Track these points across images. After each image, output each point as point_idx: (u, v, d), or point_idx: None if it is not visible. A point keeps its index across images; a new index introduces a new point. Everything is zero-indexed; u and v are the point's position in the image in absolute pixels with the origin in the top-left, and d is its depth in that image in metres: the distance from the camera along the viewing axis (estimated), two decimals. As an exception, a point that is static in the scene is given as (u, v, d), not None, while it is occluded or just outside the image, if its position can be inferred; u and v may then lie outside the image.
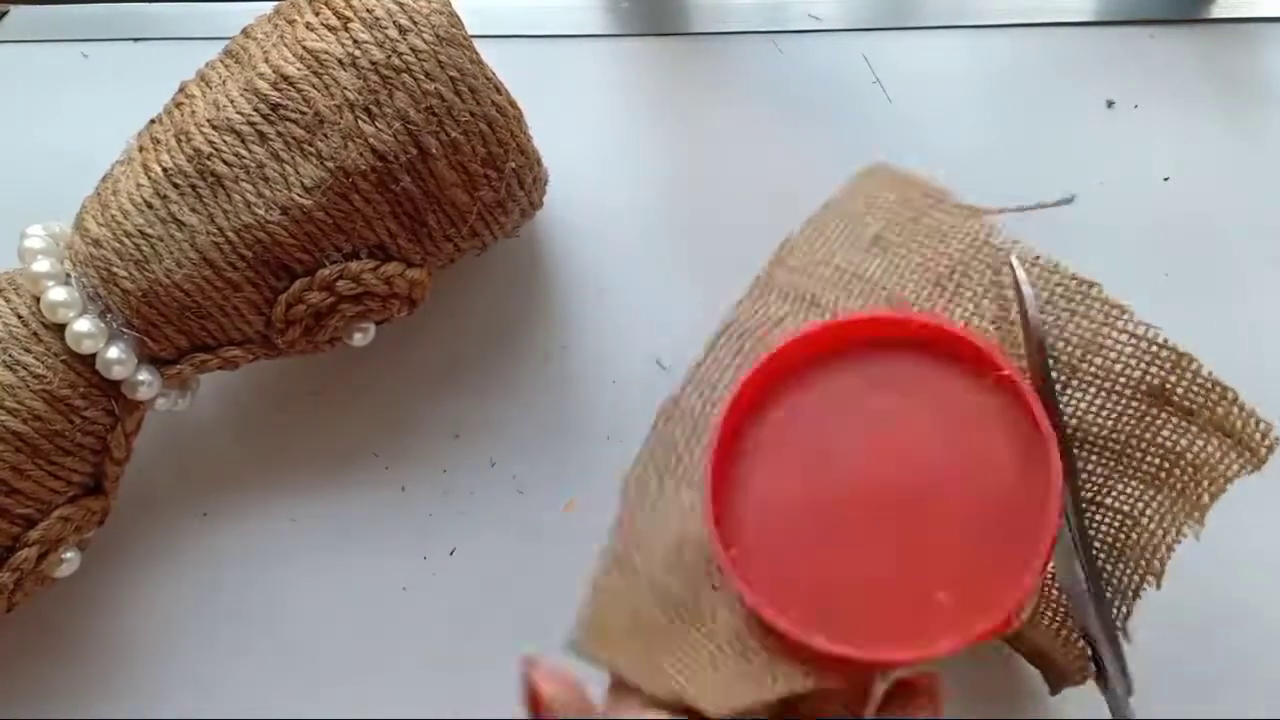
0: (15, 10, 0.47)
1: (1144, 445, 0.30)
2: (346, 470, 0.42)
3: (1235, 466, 0.28)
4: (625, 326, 0.42)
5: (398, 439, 0.42)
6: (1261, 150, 0.42)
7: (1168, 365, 0.29)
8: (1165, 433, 0.29)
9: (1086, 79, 0.44)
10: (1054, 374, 0.30)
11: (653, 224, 0.43)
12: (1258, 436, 0.28)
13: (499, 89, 0.35)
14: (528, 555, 0.40)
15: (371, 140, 0.34)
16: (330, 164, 0.34)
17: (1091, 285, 0.30)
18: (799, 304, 0.33)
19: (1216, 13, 0.44)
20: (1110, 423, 0.30)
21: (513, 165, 0.36)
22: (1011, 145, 0.43)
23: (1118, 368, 0.29)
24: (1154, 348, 0.29)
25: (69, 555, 0.37)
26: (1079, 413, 0.30)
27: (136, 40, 0.46)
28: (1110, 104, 0.43)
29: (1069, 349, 0.30)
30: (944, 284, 0.32)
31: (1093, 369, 0.30)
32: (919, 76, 0.44)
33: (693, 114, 0.44)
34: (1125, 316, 0.29)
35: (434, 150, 0.34)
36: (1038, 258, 0.31)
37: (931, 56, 0.44)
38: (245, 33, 0.36)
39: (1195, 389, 0.29)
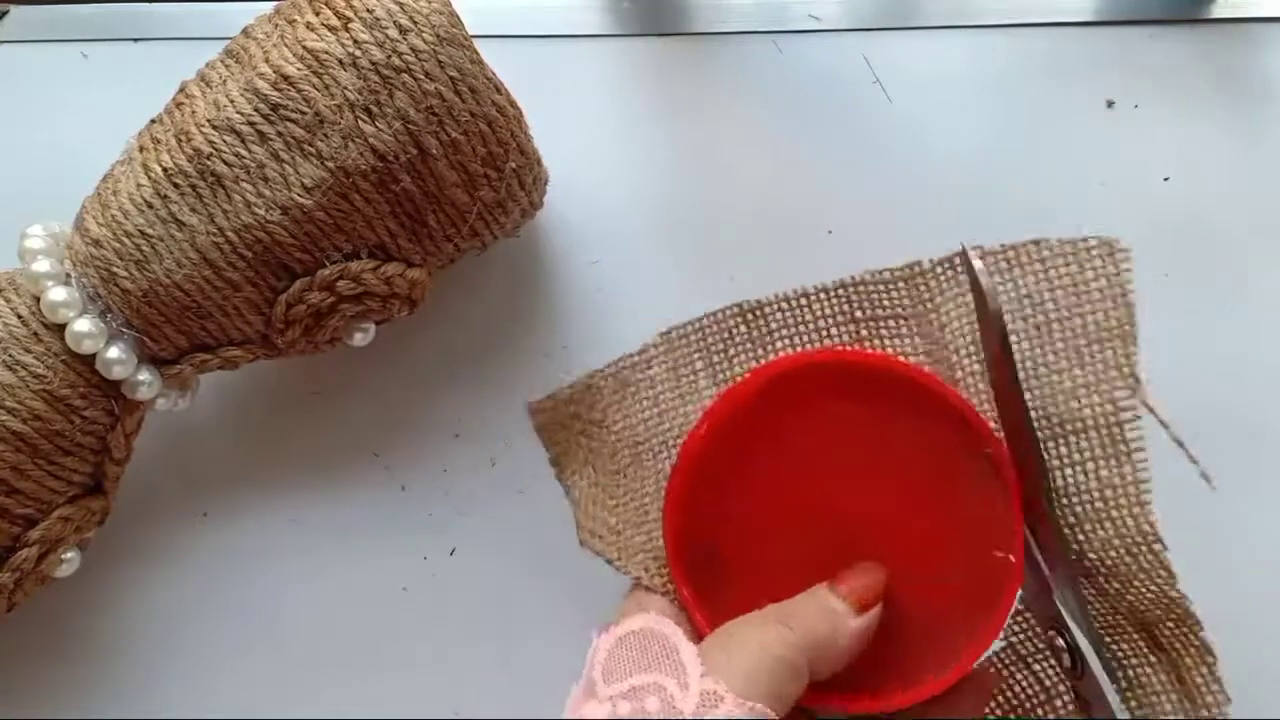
0: (15, 10, 0.47)
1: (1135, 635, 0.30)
2: (346, 470, 0.42)
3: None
4: (625, 326, 0.42)
5: (398, 439, 0.42)
6: (1261, 150, 0.42)
7: (1173, 614, 0.29)
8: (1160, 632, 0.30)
9: (1086, 79, 0.44)
10: (1055, 495, 0.30)
11: (653, 224, 0.43)
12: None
13: (499, 89, 0.35)
14: (528, 555, 0.40)
15: (371, 140, 0.34)
16: (330, 164, 0.34)
17: (1147, 506, 0.28)
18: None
19: (1216, 13, 0.44)
20: (1108, 617, 0.30)
21: (513, 165, 0.36)
22: (1011, 145, 0.43)
23: (1131, 591, 0.29)
24: (1170, 593, 0.28)
25: (69, 555, 0.37)
26: (1090, 551, 0.30)
27: (136, 40, 0.46)
28: (1110, 104, 0.43)
29: (1095, 546, 0.29)
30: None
31: (1103, 566, 0.29)
32: (919, 76, 0.44)
33: (692, 114, 0.44)
34: (1158, 544, 0.28)
35: (434, 150, 0.34)
36: (1138, 428, 0.28)
37: (931, 56, 0.44)
38: (245, 33, 0.36)
39: (1192, 648, 0.29)
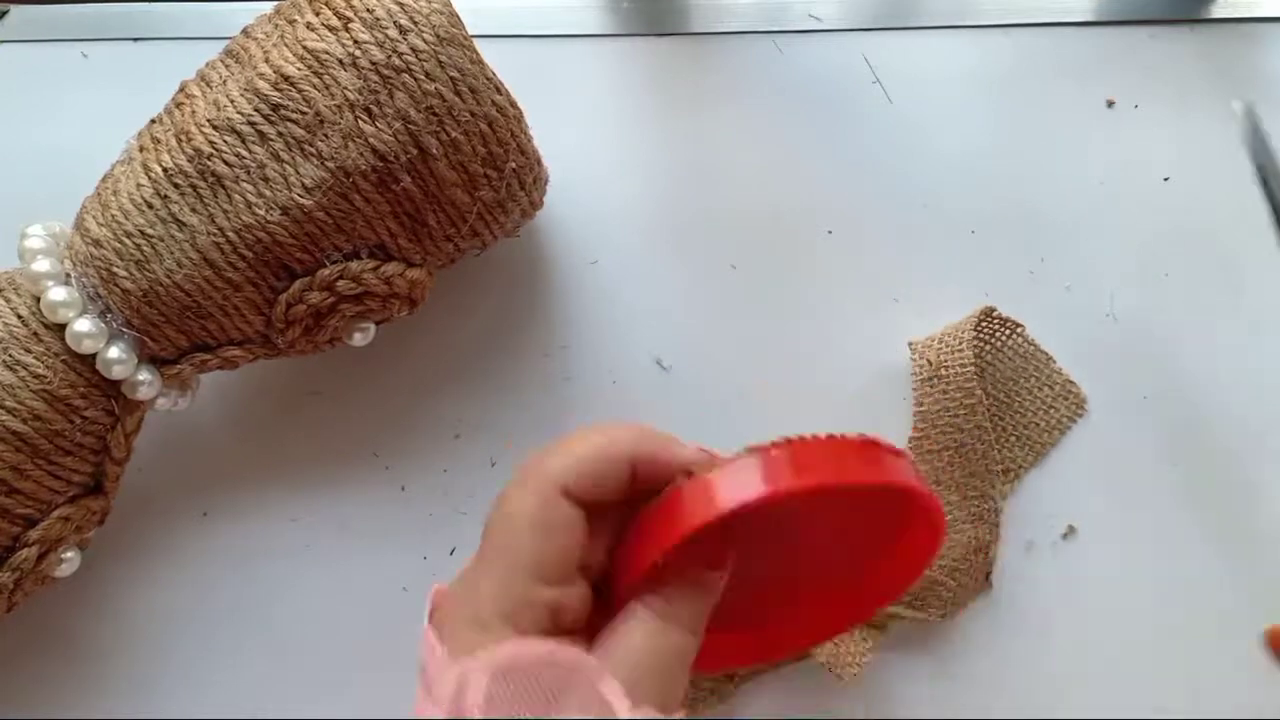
0: (15, 10, 0.47)
1: None
2: (346, 470, 0.42)
3: None
4: (625, 326, 0.42)
5: (398, 439, 0.42)
6: (1261, 150, 0.42)
7: None
8: None
9: (1086, 79, 0.44)
10: None
11: (653, 224, 0.43)
12: None
13: (499, 89, 0.35)
14: (528, 555, 0.40)
15: (372, 140, 0.34)
16: (330, 164, 0.34)
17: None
18: None
19: (1216, 13, 0.44)
20: None
21: (513, 165, 0.36)
22: (1011, 145, 0.43)
23: None
24: None
25: (69, 555, 0.37)
26: None
27: (136, 40, 0.46)
28: (1110, 104, 0.43)
29: None
30: None
31: None
32: (919, 76, 0.44)
33: (693, 114, 0.44)
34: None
35: (434, 150, 0.34)
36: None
37: (931, 56, 0.44)
38: (245, 33, 0.36)
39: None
